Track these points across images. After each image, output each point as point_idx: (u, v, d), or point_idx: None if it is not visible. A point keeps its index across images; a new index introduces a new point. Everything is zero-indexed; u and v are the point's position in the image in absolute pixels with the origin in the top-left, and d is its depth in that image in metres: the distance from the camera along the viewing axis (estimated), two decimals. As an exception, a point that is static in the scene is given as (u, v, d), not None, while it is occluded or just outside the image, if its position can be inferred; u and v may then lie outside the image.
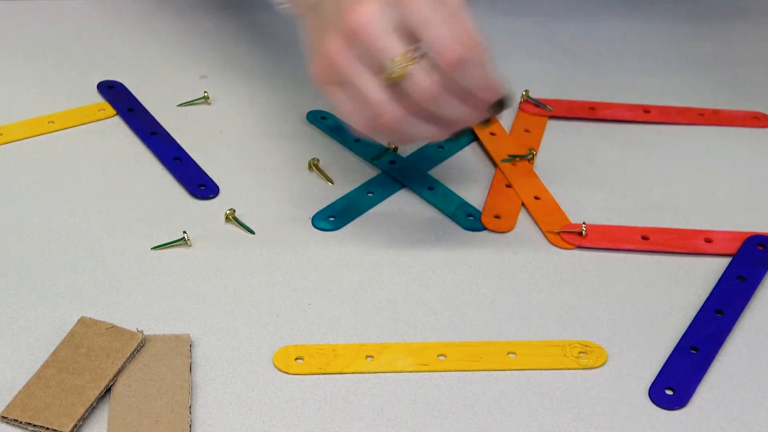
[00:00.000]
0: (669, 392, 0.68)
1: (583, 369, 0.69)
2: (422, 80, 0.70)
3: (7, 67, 0.95)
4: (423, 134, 0.73)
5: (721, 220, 0.82)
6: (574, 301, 0.75)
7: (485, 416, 0.66)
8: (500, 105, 0.74)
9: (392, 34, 0.69)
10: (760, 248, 0.78)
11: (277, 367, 0.69)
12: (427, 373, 0.69)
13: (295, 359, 0.69)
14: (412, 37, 0.70)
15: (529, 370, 0.69)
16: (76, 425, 0.64)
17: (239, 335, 0.71)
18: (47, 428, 0.63)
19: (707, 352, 0.70)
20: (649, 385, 0.68)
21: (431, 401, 0.67)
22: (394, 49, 0.69)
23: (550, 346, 0.71)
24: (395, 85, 0.70)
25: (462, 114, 0.72)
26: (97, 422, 0.65)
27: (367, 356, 0.70)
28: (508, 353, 0.70)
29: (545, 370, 0.69)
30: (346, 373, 0.68)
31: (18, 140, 0.87)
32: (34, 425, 0.63)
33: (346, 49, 0.70)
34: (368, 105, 0.71)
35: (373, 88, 0.70)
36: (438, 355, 0.70)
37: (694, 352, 0.71)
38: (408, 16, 0.69)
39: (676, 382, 0.69)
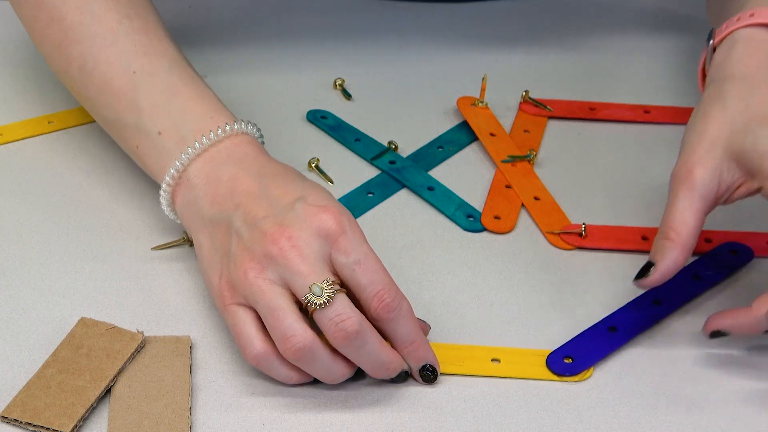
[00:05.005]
0: (567, 361, 0.69)
1: (565, 381, 0.69)
2: (346, 311, 0.64)
3: (7, 67, 0.95)
4: (337, 373, 0.66)
5: (721, 220, 0.82)
6: (574, 303, 0.75)
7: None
8: (431, 372, 0.67)
9: (318, 263, 0.64)
10: (732, 254, 0.78)
11: None
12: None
13: None
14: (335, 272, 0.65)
15: (510, 378, 0.69)
16: (76, 425, 0.64)
17: (239, 336, 0.71)
18: (47, 428, 0.63)
19: (624, 332, 0.71)
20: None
21: (431, 403, 0.67)
22: (318, 276, 0.64)
23: (535, 355, 0.71)
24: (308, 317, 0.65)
25: (383, 356, 0.66)
26: (97, 423, 0.65)
27: None
28: (491, 359, 0.70)
29: (528, 379, 0.69)
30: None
31: (18, 140, 0.87)
32: (34, 425, 0.64)
33: (263, 269, 0.65)
34: (279, 328, 0.64)
35: (289, 312, 0.64)
36: None
37: (611, 331, 0.71)
38: (337, 254, 0.65)
39: (577, 353, 0.70)
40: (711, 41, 0.78)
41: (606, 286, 0.76)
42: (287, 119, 0.91)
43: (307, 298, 0.64)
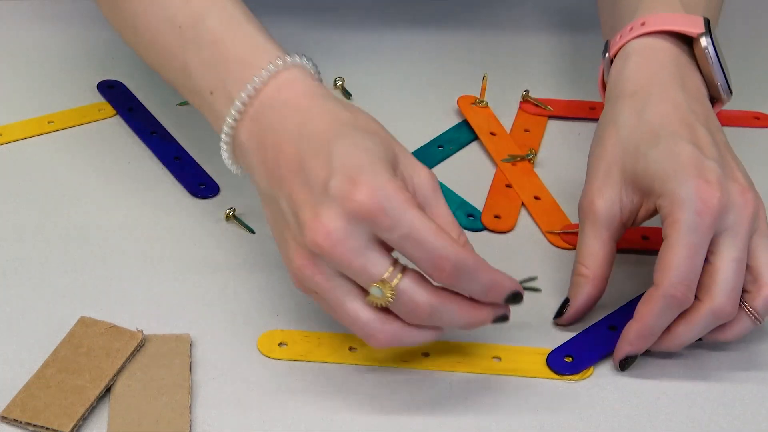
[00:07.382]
0: (567, 359, 0.70)
1: (565, 380, 0.69)
2: (412, 300, 0.62)
3: (7, 67, 0.95)
4: (425, 340, 0.65)
5: (721, 219, 0.82)
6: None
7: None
8: (514, 298, 0.64)
9: (368, 251, 0.61)
10: None
11: (259, 351, 0.69)
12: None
13: (279, 344, 0.70)
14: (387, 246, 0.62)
15: (511, 375, 0.69)
16: (76, 425, 0.64)
17: (239, 335, 0.71)
18: (47, 428, 0.63)
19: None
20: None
21: (432, 401, 0.67)
22: (374, 268, 0.61)
23: (536, 354, 0.71)
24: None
25: (466, 319, 0.64)
26: (97, 422, 0.65)
27: (350, 347, 0.70)
28: (492, 357, 0.70)
29: (530, 377, 0.69)
30: (329, 363, 0.69)
31: (18, 140, 0.87)
32: (34, 425, 0.63)
33: (316, 265, 0.62)
34: (356, 325, 0.63)
35: (358, 308, 0.63)
36: (421, 353, 0.70)
37: (611, 330, 0.71)
38: (381, 232, 0.61)
39: (577, 351, 0.70)
40: (607, 54, 0.78)
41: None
42: (287, 119, 0.91)
43: (370, 300, 0.62)
